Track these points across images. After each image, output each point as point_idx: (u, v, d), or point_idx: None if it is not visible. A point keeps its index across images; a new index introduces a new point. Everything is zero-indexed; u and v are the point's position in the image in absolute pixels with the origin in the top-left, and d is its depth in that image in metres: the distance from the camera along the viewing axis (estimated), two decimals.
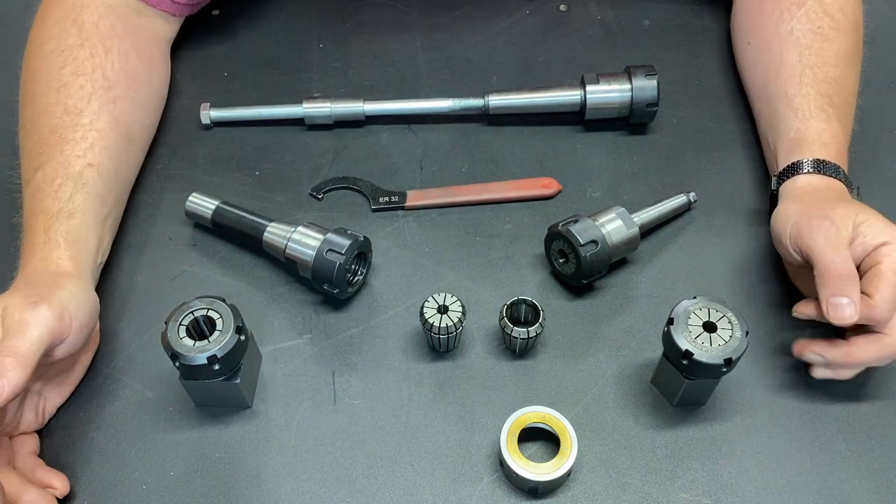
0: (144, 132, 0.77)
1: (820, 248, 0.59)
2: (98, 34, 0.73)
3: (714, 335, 0.57)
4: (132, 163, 0.74)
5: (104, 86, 0.72)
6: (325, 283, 0.66)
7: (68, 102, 0.70)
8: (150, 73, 0.78)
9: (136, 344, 0.67)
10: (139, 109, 0.75)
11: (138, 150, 0.76)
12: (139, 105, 0.75)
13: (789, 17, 0.76)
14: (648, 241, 0.73)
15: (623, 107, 0.78)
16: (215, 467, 0.61)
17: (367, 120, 0.82)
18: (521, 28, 0.91)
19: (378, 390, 0.65)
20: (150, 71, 0.79)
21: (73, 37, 0.72)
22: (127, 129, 0.73)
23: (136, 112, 0.75)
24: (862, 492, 0.60)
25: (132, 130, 0.74)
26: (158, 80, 0.81)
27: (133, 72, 0.75)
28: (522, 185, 0.77)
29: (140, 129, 0.76)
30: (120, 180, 0.71)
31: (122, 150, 0.72)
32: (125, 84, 0.74)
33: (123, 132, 0.72)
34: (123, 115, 0.73)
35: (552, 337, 0.68)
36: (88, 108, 0.70)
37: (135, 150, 0.75)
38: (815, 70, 0.72)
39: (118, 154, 0.71)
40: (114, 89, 0.72)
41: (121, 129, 0.72)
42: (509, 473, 0.59)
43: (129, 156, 0.73)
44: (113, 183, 0.70)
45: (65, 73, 0.71)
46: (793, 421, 0.63)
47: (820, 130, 0.69)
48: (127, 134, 0.73)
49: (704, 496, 0.59)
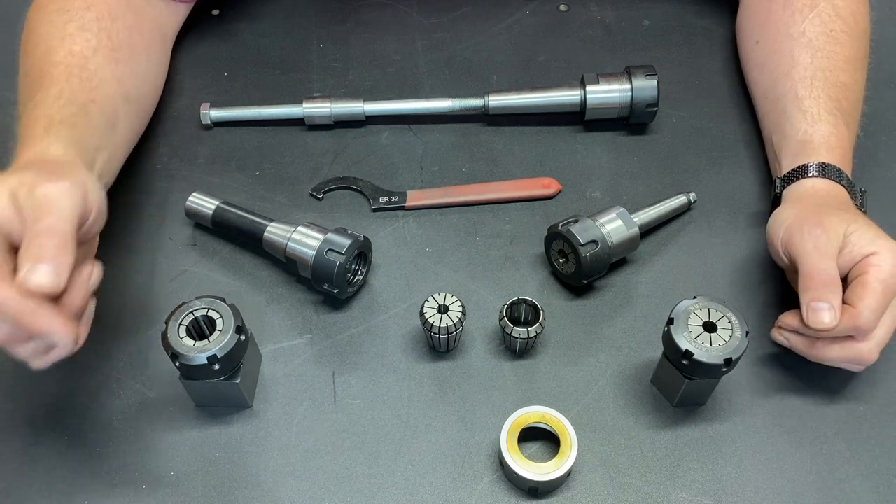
0: (140, 103, 0.75)
1: (807, 254, 0.59)
2: (105, 3, 0.72)
3: (714, 335, 0.57)
4: (129, 124, 0.72)
5: (109, 46, 0.70)
6: (325, 282, 0.66)
7: (74, 48, 0.68)
8: (148, 54, 0.77)
9: (136, 344, 0.67)
10: (139, 78, 0.74)
11: (134, 115, 0.73)
12: (139, 75, 0.74)
13: (801, 18, 0.75)
14: (648, 241, 0.73)
15: (623, 107, 0.78)
16: (215, 467, 0.61)
17: (367, 120, 0.82)
18: (521, 28, 0.91)
19: (378, 390, 0.65)
20: (150, 52, 0.78)
21: (79, 1, 0.71)
22: (125, 89, 0.71)
23: (136, 80, 0.74)
24: (862, 492, 0.60)
25: (130, 94, 0.72)
26: (156, 66, 0.80)
27: (135, 46, 0.74)
28: (522, 185, 0.77)
29: (137, 96, 0.74)
30: (118, 131, 0.69)
31: (122, 106, 0.70)
32: (127, 52, 0.72)
33: (123, 91, 0.71)
34: (124, 77, 0.71)
35: (552, 337, 0.68)
36: (94, 58, 0.68)
37: (132, 112, 0.72)
38: (827, 73, 0.72)
39: (118, 107, 0.69)
40: (117, 52, 0.71)
41: (121, 87, 0.70)
42: (509, 473, 0.59)
43: (128, 115, 0.71)
44: (111, 131, 0.67)
45: (70, 27, 0.69)
46: (793, 421, 0.63)
47: (827, 134, 0.68)
48: (126, 94, 0.71)
49: (704, 496, 0.59)
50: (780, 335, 0.64)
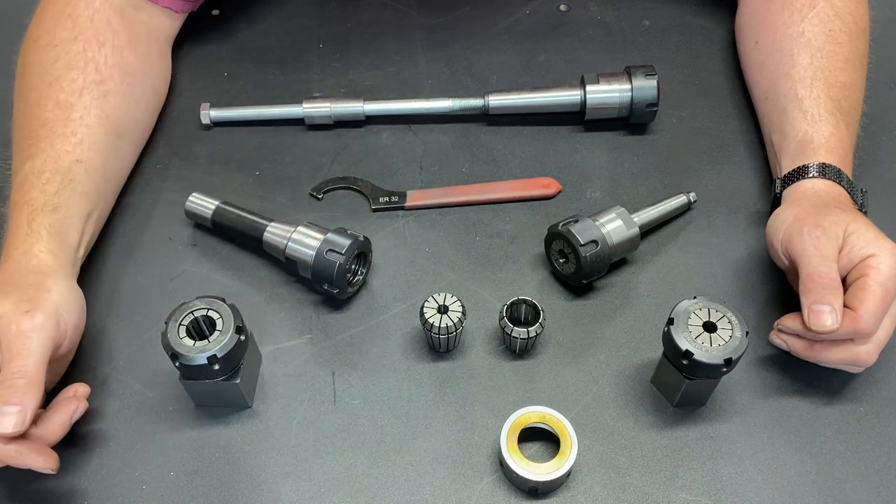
0: (137, 128, 0.77)
1: (808, 256, 0.59)
2: (92, 28, 0.73)
3: (714, 335, 0.57)
4: (122, 159, 0.74)
5: (96, 80, 0.72)
6: (325, 283, 0.66)
7: (59, 96, 0.70)
8: (145, 69, 0.78)
9: (136, 344, 0.67)
10: (132, 105, 0.75)
11: (129, 147, 0.76)
12: (132, 100, 0.75)
13: (800, 18, 0.75)
14: (648, 241, 0.73)
15: (623, 107, 0.78)
16: (215, 467, 0.61)
17: (367, 120, 0.82)
18: (521, 28, 0.91)
19: (378, 390, 0.65)
20: (146, 66, 0.78)
21: (66, 31, 0.73)
22: (118, 124, 0.73)
23: (129, 107, 0.75)
24: (862, 492, 0.60)
25: (123, 126, 0.73)
26: (155, 77, 0.80)
27: (128, 67, 0.75)
28: (522, 185, 0.77)
29: (132, 124, 0.75)
30: (108, 177, 0.72)
31: (112, 145, 0.72)
32: (118, 78, 0.73)
33: (114, 128, 0.72)
34: (115, 109, 0.72)
35: (552, 337, 0.68)
36: (79, 102, 0.70)
37: (125, 147, 0.75)
38: (826, 73, 0.72)
39: (107, 150, 0.71)
40: (105, 83, 0.72)
41: (111, 124, 0.72)
42: (509, 473, 0.59)
43: (119, 152, 0.73)
44: (100, 180, 0.70)
45: (57, 66, 0.71)
46: (793, 421, 0.63)
47: (828, 134, 0.68)
48: (117, 129, 0.73)
49: (704, 496, 0.59)
50: (779, 338, 0.64)
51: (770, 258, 0.67)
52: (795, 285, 0.67)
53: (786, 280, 0.68)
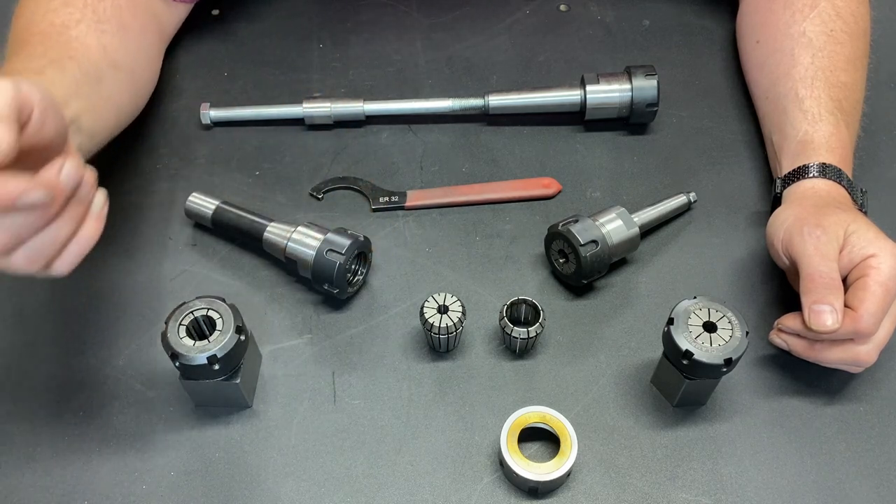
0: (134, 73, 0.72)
1: (808, 256, 0.59)
2: None
3: (714, 335, 0.57)
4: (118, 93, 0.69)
5: (94, 18, 0.69)
6: (325, 283, 0.66)
7: (55, 20, 0.66)
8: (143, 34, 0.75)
9: (136, 344, 0.67)
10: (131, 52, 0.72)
11: (127, 83, 0.71)
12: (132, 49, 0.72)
13: (801, 17, 0.75)
14: (648, 241, 0.73)
15: (623, 107, 0.78)
16: (215, 467, 0.61)
17: (367, 120, 0.82)
18: (521, 28, 0.91)
19: (378, 390, 0.65)
20: (143, 33, 0.76)
21: None
22: (114, 56, 0.69)
23: (127, 52, 0.71)
24: (862, 492, 0.60)
25: (120, 63, 0.69)
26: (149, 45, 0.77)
27: (125, 23, 0.72)
28: (522, 185, 0.77)
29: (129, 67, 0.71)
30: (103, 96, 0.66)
31: (108, 71, 0.67)
32: (116, 25, 0.71)
33: (111, 59, 0.68)
34: (112, 47, 0.69)
35: (552, 337, 0.68)
36: (77, 27, 0.67)
37: (123, 80, 0.70)
38: (827, 73, 0.72)
39: (103, 71, 0.66)
40: (103, 24, 0.69)
41: (108, 55, 0.68)
42: (509, 473, 0.59)
43: (116, 82, 0.68)
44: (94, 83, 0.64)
45: (54, 2, 0.68)
46: (793, 421, 0.63)
47: (828, 134, 0.68)
48: (114, 62, 0.68)
49: (704, 496, 0.59)
50: (779, 338, 0.64)
51: (770, 258, 0.67)
52: (796, 285, 0.67)
53: (786, 280, 0.68)
